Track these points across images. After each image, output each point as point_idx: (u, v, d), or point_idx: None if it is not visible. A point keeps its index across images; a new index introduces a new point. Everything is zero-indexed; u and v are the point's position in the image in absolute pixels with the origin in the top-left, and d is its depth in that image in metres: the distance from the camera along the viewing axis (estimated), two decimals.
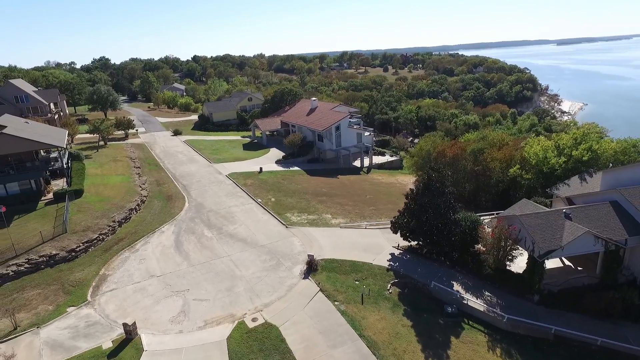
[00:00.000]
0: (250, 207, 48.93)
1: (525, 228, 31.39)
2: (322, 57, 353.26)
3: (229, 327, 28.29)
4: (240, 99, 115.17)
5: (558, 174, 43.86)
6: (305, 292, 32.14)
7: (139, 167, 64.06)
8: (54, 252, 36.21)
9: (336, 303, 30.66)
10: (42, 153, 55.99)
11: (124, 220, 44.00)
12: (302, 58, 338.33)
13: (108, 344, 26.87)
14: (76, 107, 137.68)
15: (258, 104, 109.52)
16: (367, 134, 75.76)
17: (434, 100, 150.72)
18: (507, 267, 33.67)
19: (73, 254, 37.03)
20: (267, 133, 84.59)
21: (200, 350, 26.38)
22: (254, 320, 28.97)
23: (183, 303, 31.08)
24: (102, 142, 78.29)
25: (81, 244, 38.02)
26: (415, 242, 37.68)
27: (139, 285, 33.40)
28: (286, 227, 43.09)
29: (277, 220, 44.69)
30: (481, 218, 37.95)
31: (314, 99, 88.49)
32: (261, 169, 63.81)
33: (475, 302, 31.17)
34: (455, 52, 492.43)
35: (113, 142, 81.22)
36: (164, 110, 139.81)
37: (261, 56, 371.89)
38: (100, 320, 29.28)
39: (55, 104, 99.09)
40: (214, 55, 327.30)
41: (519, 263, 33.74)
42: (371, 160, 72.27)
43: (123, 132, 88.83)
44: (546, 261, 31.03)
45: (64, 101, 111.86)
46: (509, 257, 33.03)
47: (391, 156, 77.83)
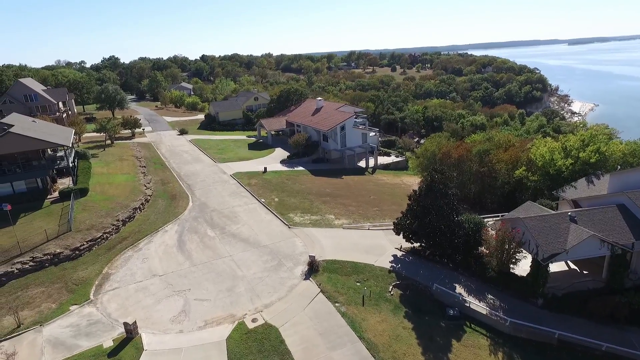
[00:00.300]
0: (254, 207, 48.97)
1: (529, 231, 31.00)
2: (329, 57, 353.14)
3: (228, 328, 28.31)
4: (246, 98, 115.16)
5: (565, 176, 43.21)
6: (305, 293, 32.05)
7: (144, 166, 64.46)
8: (58, 251, 36.55)
9: (337, 304, 30.53)
10: (49, 152, 56.55)
11: (128, 219, 44.28)
12: (310, 58, 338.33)
13: (109, 343, 27.06)
14: (84, 106, 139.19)
15: (264, 104, 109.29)
16: (372, 134, 75.43)
17: (441, 101, 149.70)
18: (511, 270, 33.27)
19: (77, 252, 37.36)
20: (273, 133, 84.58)
21: (199, 350, 26.43)
22: (254, 320, 28.96)
23: (184, 303, 31.18)
24: (108, 141, 78.99)
25: (85, 243, 38.35)
26: (418, 244, 37.42)
27: (141, 285, 33.59)
28: (289, 227, 43.05)
29: (279, 221, 44.66)
30: (485, 220, 37.57)
31: (320, 98, 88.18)
32: (265, 168, 63.85)
33: (477, 305, 30.86)
34: (465, 52, 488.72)
35: (120, 141, 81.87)
36: (171, 110, 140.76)
37: (269, 55, 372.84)
38: (102, 319, 29.49)
39: (63, 103, 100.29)
40: (222, 55, 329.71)
41: (522, 266, 33.30)
42: (376, 160, 71.99)
43: (130, 131, 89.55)
44: (550, 264, 30.66)
45: (73, 100, 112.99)
46: (513, 260, 32.64)
47: (397, 157, 77.43)
